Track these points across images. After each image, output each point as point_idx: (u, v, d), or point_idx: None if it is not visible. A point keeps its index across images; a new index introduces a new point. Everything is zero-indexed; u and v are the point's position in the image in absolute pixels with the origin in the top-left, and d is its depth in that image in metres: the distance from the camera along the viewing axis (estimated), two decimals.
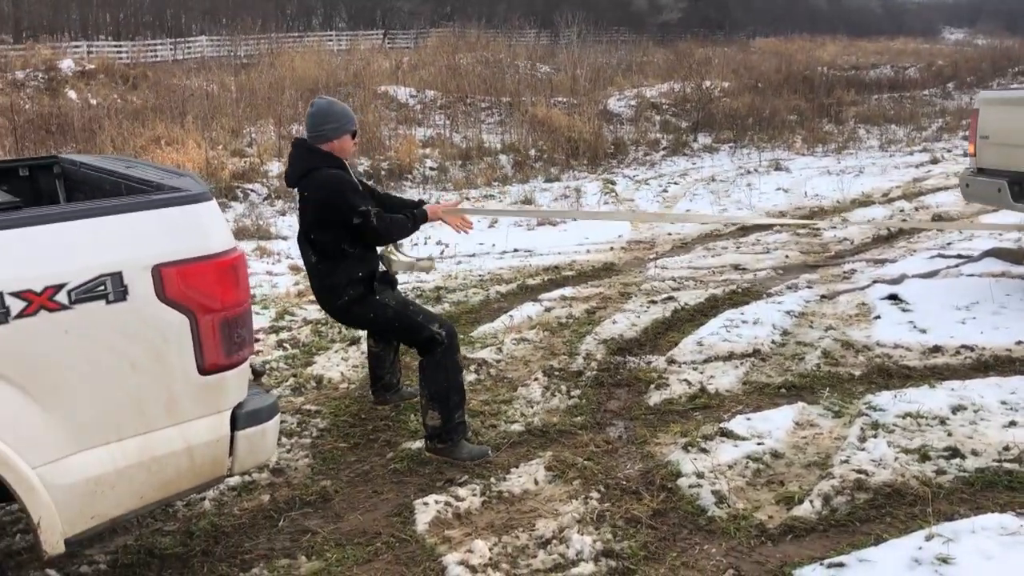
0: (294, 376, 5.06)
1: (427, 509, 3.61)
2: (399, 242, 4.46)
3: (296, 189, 4.16)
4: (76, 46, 28.16)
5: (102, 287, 2.39)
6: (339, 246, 4.06)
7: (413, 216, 4.27)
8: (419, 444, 4.19)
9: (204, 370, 2.60)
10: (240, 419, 2.72)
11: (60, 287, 2.32)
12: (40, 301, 2.29)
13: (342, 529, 3.54)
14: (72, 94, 20.85)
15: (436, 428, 4.06)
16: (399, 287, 4.47)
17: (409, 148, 14.91)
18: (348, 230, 4.04)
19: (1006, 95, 6.94)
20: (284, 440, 4.30)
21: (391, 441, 4.32)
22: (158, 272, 2.48)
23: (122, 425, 2.49)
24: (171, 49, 31.24)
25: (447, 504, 3.65)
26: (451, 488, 3.81)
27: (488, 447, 4.18)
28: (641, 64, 26.70)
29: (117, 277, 2.41)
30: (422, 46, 29.91)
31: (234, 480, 3.90)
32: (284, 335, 5.81)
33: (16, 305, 2.26)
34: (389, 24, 40.93)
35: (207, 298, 2.57)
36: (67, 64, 24.24)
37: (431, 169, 14.66)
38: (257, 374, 3.61)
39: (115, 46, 30.21)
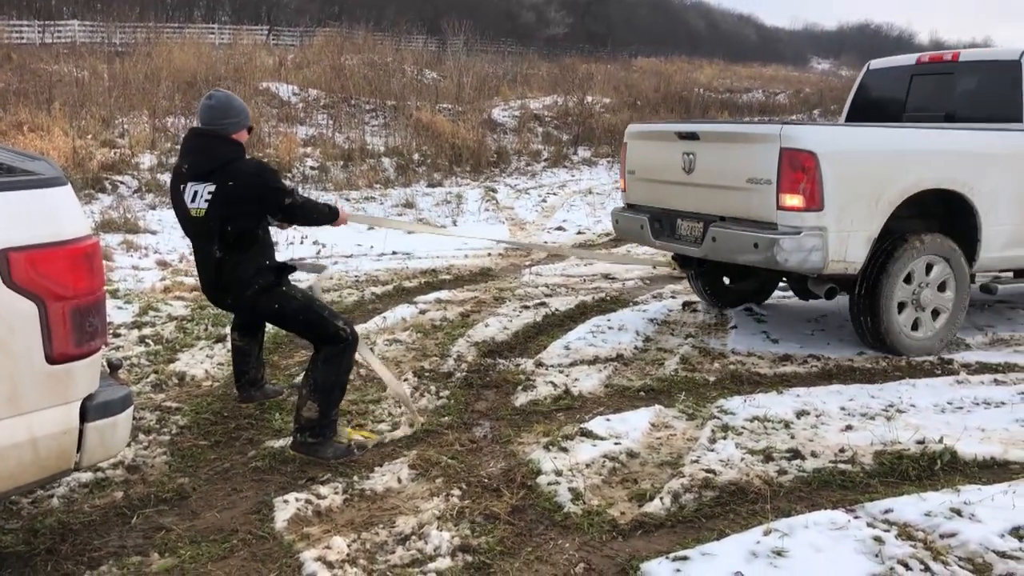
0: (155, 372, 4.94)
1: (287, 507, 3.59)
2: None
3: (191, 181, 4.03)
4: None
5: None
6: (253, 233, 4.07)
7: (332, 208, 4.39)
8: (282, 442, 4.17)
9: (52, 359, 2.53)
10: (90, 411, 2.65)
11: None
12: None
13: (198, 526, 3.48)
14: None
15: (311, 421, 4.05)
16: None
17: (289, 146, 14.69)
18: (262, 217, 4.10)
19: (647, 128, 6.81)
20: (142, 437, 4.20)
21: (253, 439, 4.28)
22: (5, 257, 2.40)
23: None
24: (39, 31, 29.67)
25: (307, 502, 3.64)
26: (313, 486, 3.80)
27: (354, 446, 4.19)
28: (527, 76, 27.09)
29: None
30: (308, 45, 29.43)
31: (86, 476, 3.79)
32: (147, 331, 5.66)
33: None
34: (274, 20, 40.10)
35: (58, 285, 2.51)
36: None
37: (312, 168, 14.49)
38: (113, 368, 3.51)
39: None
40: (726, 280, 6.90)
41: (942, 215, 5.84)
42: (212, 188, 3.97)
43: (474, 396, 4.98)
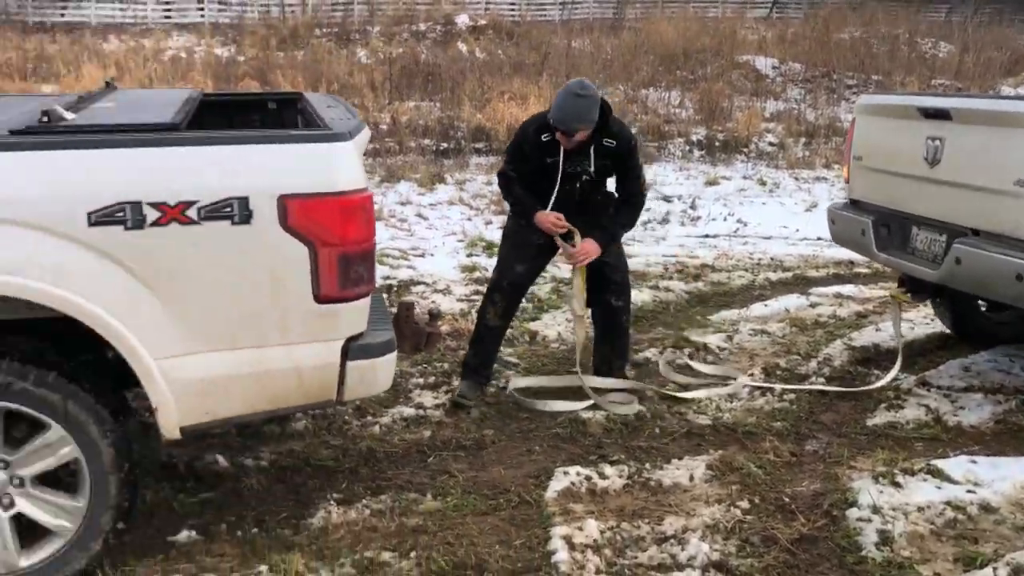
0: (511, 328, 5.18)
1: (564, 478, 3.57)
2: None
3: None
4: (475, 2, 30.50)
5: (228, 208, 2.65)
6: None
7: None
8: (589, 414, 4.14)
9: (319, 299, 2.78)
10: (352, 351, 2.87)
11: (191, 204, 2.61)
12: (173, 214, 2.60)
13: (479, 479, 3.62)
14: (462, 47, 22.71)
15: None
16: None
17: (751, 120, 14.34)
18: None
19: (882, 101, 5.07)
20: None
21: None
22: (283, 202, 2.68)
23: (237, 336, 2.76)
24: (559, 10, 32.62)
25: (587, 478, 3.58)
26: (600, 464, 3.72)
27: None
28: None
29: (243, 201, 2.65)
30: (812, 15, 28.22)
31: (409, 411, 4.15)
32: None
33: (152, 214, 2.59)
34: None
35: (327, 232, 2.73)
36: (462, 19, 26.40)
37: (770, 144, 14.00)
38: (433, 316, 3.79)
39: (510, 4, 32.20)
40: (983, 307, 5.18)
41: None
42: None
43: (824, 406, 4.43)
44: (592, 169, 4.18)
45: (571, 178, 4.19)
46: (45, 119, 2.71)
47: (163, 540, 3.12)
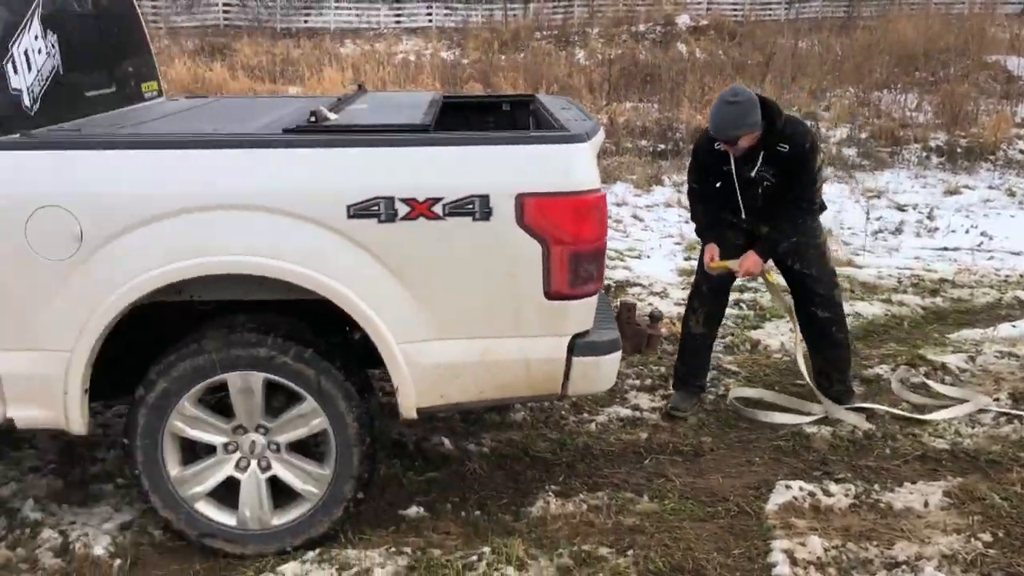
0: (732, 335, 5.08)
1: (786, 492, 3.47)
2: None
3: None
4: (697, 2, 30.04)
5: (471, 205, 2.77)
6: None
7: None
8: (813, 429, 3.98)
9: (549, 296, 2.85)
10: (577, 347, 2.93)
11: (437, 200, 2.76)
12: (421, 209, 2.76)
13: (696, 485, 3.58)
14: (682, 48, 22.44)
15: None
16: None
17: (999, 125, 13.20)
18: None
19: None
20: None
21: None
22: (520, 200, 2.78)
23: (474, 326, 2.89)
24: (785, 8, 31.49)
25: (810, 494, 3.46)
26: (825, 480, 3.58)
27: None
28: None
29: (484, 199, 2.77)
30: None
31: (625, 412, 4.17)
32: (747, 295, 5.80)
33: (403, 209, 2.75)
34: None
35: (560, 231, 2.80)
36: (683, 19, 26.08)
37: (1022, 153, 12.83)
38: (654, 319, 3.80)
39: (733, 3, 31.45)
40: None
41: None
42: None
43: None
44: (768, 174, 3.97)
45: (751, 184, 4.01)
46: (313, 119, 2.96)
47: (394, 513, 3.33)
